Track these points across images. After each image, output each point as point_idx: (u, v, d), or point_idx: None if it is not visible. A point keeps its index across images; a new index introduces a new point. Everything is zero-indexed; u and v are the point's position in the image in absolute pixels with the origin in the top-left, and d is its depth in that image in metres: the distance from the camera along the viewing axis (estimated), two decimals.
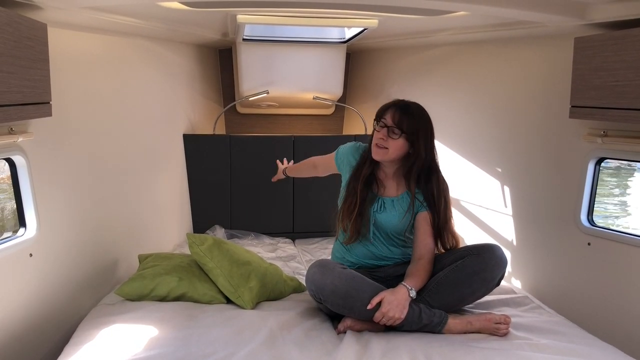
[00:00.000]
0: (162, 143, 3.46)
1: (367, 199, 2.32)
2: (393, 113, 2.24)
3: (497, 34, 2.80)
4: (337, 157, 2.50)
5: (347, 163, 2.43)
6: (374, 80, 4.26)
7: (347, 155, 2.45)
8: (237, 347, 1.88)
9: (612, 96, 2.18)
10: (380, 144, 2.24)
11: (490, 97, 3.12)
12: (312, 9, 2.67)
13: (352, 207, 2.30)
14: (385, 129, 2.23)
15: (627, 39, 2.10)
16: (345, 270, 2.15)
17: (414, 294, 2.11)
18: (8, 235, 2.20)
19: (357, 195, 2.30)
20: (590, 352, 1.92)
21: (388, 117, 2.24)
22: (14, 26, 1.85)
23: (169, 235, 3.44)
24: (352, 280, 2.09)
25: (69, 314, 2.38)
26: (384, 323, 2.06)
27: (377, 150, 2.26)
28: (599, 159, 2.50)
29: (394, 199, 2.34)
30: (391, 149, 2.24)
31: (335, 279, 2.08)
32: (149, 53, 3.28)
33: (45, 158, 2.26)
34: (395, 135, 2.22)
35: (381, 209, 2.33)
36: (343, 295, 2.07)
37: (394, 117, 2.23)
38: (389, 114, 2.25)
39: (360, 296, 2.06)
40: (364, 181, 2.32)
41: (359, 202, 2.30)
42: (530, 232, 2.86)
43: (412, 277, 2.18)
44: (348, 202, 2.33)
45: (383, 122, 2.25)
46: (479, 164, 3.21)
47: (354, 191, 2.32)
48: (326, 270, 2.13)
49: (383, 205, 2.33)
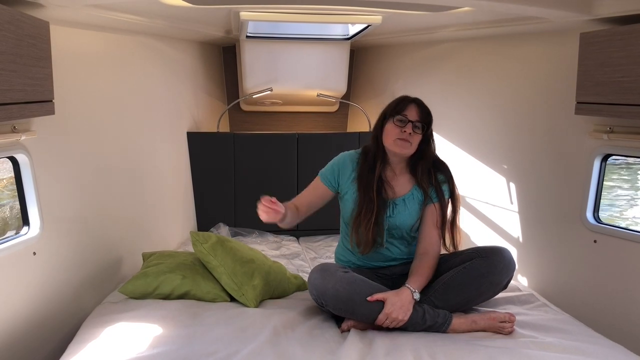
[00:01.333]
0: (166, 141, 3.46)
1: (381, 204, 2.28)
2: (416, 109, 2.26)
3: (501, 30, 2.78)
4: (324, 177, 2.40)
5: (343, 175, 2.36)
6: (378, 77, 4.25)
7: (342, 168, 2.37)
8: (241, 346, 1.87)
9: (618, 92, 2.16)
10: (407, 138, 2.24)
11: (495, 93, 3.10)
12: (315, 6, 2.66)
13: (369, 216, 2.25)
14: (409, 124, 2.24)
15: (634, 34, 2.08)
16: (347, 274, 2.12)
17: (418, 296, 2.10)
18: (11, 234, 2.20)
19: (374, 203, 2.26)
20: (596, 350, 1.90)
21: (412, 112, 2.25)
22: (16, 24, 1.84)
23: (172, 233, 3.44)
24: (353, 284, 2.07)
25: (73, 312, 2.38)
26: (387, 325, 2.05)
27: (402, 144, 2.25)
28: (605, 156, 2.48)
29: (405, 197, 2.32)
30: (414, 143, 2.26)
31: (337, 284, 2.06)
32: (152, 51, 3.27)
33: (48, 156, 2.26)
34: (419, 130, 2.25)
35: (394, 213, 2.31)
36: (345, 299, 2.05)
37: (418, 112, 2.25)
38: (412, 109, 2.26)
39: (363, 300, 2.04)
40: (377, 186, 2.29)
41: (376, 210, 2.25)
42: (536, 229, 2.85)
43: (415, 277, 2.17)
44: (364, 211, 2.27)
45: (404, 117, 2.25)
46: (483, 161, 3.19)
47: (370, 200, 2.27)
48: (327, 275, 2.10)
49: (395, 208, 2.31)
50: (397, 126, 2.25)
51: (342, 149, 2.49)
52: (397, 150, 2.27)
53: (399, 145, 2.25)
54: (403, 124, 2.24)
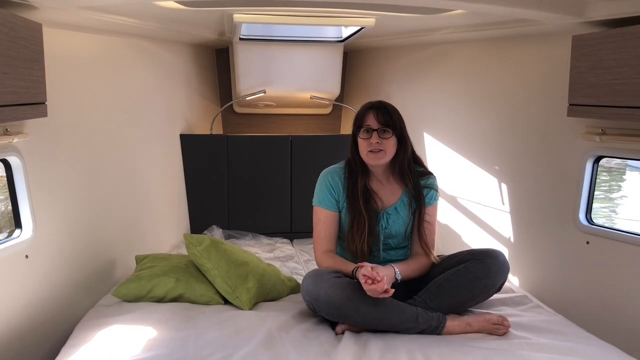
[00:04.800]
0: (159, 143, 3.45)
1: (372, 215, 2.27)
2: (375, 114, 2.22)
3: (494, 32, 2.80)
4: (325, 204, 2.32)
5: (337, 191, 2.32)
6: (371, 79, 4.25)
7: (333, 186, 2.32)
8: (235, 349, 1.87)
9: (610, 94, 2.17)
10: (376, 148, 2.21)
11: (488, 95, 3.11)
12: (309, 8, 2.66)
13: (362, 226, 2.24)
14: (374, 132, 2.21)
15: (625, 36, 2.10)
16: (339, 279, 2.11)
17: (400, 277, 2.13)
18: (3, 237, 2.19)
19: (362, 212, 2.25)
20: (589, 351, 1.92)
21: (372, 120, 2.22)
22: (9, 26, 1.83)
23: (166, 235, 3.43)
24: (346, 289, 2.06)
25: (66, 316, 2.37)
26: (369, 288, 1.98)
27: (374, 156, 2.23)
28: (597, 157, 2.50)
29: (396, 206, 2.32)
30: (387, 149, 2.23)
31: (329, 289, 2.06)
32: (145, 53, 3.26)
33: (41, 159, 2.25)
34: (387, 134, 2.22)
35: (388, 223, 2.31)
36: (337, 305, 2.04)
37: (377, 118, 2.22)
38: (370, 117, 2.23)
39: (355, 305, 2.03)
40: (364, 197, 2.27)
41: (367, 219, 2.24)
42: (529, 231, 2.86)
43: (402, 264, 2.19)
44: (356, 222, 2.25)
45: (368, 127, 2.22)
46: (477, 162, 3.20)
47: (358, 210, 2.26)
48: (320, 281, 2.10)
49: (389, 218, 2.31)
50: (364, 139, 2.23)
51: (335, 151, 2.49)
52: (373, 163, 2.25)
53: (372, 158, 2.24)
54: (369, 134, 2.22)
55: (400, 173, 2.31)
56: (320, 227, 2.33)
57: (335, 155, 2.58)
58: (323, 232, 2.32)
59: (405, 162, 2.29)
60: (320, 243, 2.32)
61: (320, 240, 2.32)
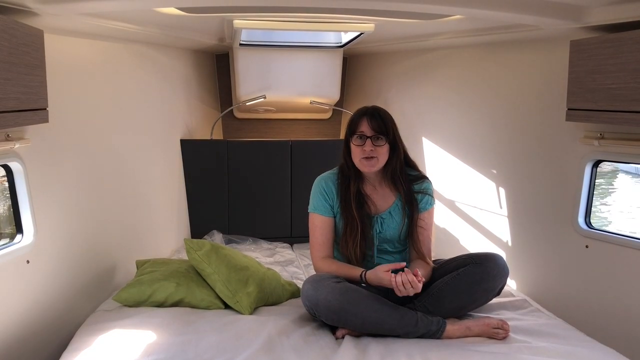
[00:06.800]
0: (160, 149, 3.46)
1: (365, 220, 2.28)
2: (369, 121, 2.22)
3: (492, 37, 2.81)
4: (320, 210, 2.33)
5: (331, 197, 2.33)
6: (371, 84, 4.27)
7: (327, 192, 2.33)
8: (235, 353, 1.87)
9: (608, 99, 2.18)
10: (370, 155, 2.22)
11: (487, 100, 3.12)
12: (308, 14, 2.67)
13: (355, 230, 2.25)
14: (368, 139, 2.22)
15: (623, 41, 2.11)
16: (339, 283, 2.11)
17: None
18: (5, 242, 2.19)
19: (355, 217, 2.26)
20: (589, 354, 1.92)
21: (365, 127, 2.22)
22: (10, 32, 1.85)
23: (166, 240, 3.43)
24: (345, 293, 2.06)
25: (67, 321, 2.37)
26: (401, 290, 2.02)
27: (367, 162, 2.23)
28: (595, 162, 2.51)
29: (390, 210, 2.33)
30: (380, 156, 2.24)
31: (329, 294, 2.05)
32: (146, 59, 3.28)
33: (42, 164, 2.26)
34: (381, 141, 2.22)
35: (382, 228, 2.31)
36: (337, 310, 2.04)
37: (371, 125, 2.22)
38: (364, 124, 2.23)
39: (355, 310, 2.03)
40: (356, 202, 2.28)
41: (359, 223, 2.25)
42: (529, 235, 2.86)
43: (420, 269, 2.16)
44: (349, 227, 2.27)
45: (361, 134, 2.23)
46: (475, 167, 3.21)
47: (351, 215, 2.27)
48: (319, 286, 2.10)
49: (383, 223, 2.31)
50: (357, 146, 2.24)
51: (335, 156, 2.49)
52: (366, 170, 2.26)
53: (365, 165, 2.24)
54: (362, 141, 2.23)
55: (392, 179, 2.31)
56: (317, 234, 2.34)
57: (335, 160, 2.58)
58: (320, 239, 2.34)
59: (398, 167, 2.29)
60: (318, 249, 2.33)
61: (317, 247, 2.34)
